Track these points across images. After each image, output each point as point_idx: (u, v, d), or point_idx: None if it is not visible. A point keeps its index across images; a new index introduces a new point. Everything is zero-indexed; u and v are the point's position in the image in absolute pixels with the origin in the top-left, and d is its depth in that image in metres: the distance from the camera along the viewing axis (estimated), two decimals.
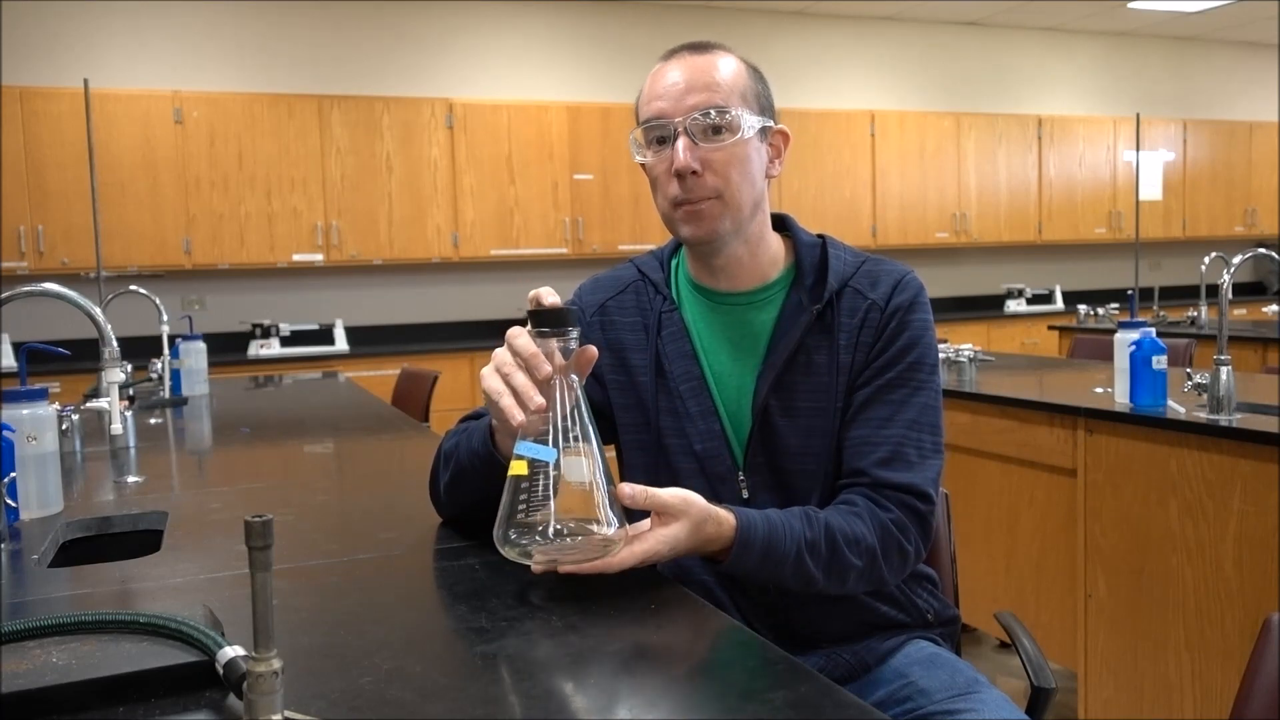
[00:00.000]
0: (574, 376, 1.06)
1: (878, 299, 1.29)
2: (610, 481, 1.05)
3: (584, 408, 1.06)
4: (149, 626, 0.89)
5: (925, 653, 1.28)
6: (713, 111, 1.23)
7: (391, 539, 1.35)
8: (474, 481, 1.24)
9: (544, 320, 1.05)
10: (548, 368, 1.04)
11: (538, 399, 1.03)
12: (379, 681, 0.83)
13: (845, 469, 1.26)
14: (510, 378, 1.06)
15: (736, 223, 1.28)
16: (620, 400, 1.36)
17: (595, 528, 1.02)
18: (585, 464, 1.03)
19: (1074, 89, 7.44)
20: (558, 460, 1.02)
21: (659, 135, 1.26)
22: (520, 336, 1.07)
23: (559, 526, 1.02)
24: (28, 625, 0.89)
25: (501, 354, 1.09)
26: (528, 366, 1.05)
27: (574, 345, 1.06)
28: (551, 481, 1.02)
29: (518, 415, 1.04)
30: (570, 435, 1.04)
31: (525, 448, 1.03)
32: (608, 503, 1.03)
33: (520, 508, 1.03)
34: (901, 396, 1.26)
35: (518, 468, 1.03)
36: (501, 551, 1.03)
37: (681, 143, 1.23)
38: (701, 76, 1.24)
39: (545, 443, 1.03)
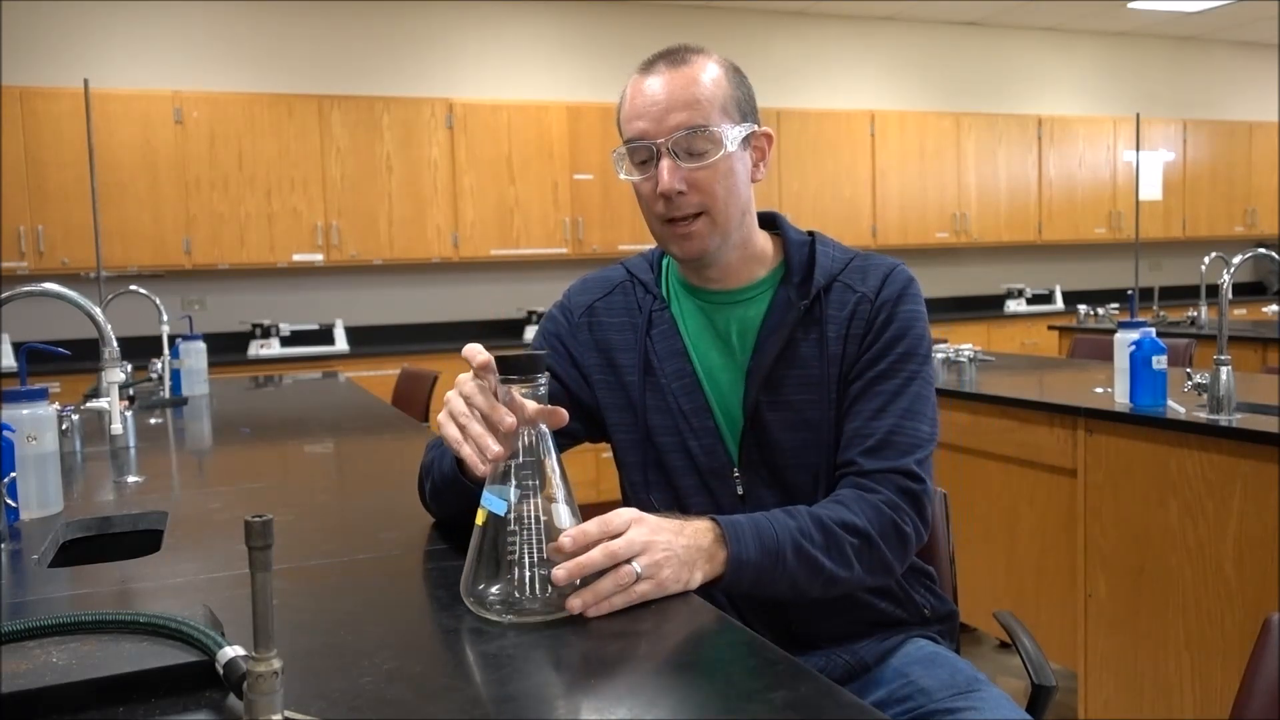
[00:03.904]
0: (543, 426, 1.02)
1: (868, 291, 1.29)
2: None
3: (554, 457, 1.02)
4: (149, 626, 0.89)
5: (925, 651, 1.28)
6: (695, 130, 1.22)
7: (391, 539, 1.35)
8: (449, 497, 1.27)
9: (513, 368, 1.02)
10: (510, 419, 1.01)
11: (495, 447, 1.01)
12: (379, 681, 0.83)
13: (837, 461, 1.26)
14: (466, 428, 1.05)
15: (725, 235, 1.29)
16: (610, 400, 1.37)
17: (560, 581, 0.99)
18: (558, 513, 1.01)
19: (1074, 89, 7.44)
20: (509, 513, 0.99)
21: (643, 157, 1.27)
22: (469, 387, 1.06)
23: (521, 580, 0.99)
24: (28, 625, 0.89)
25: (455, 401, 1.07)
26: (487, 420, 1.04)
27: (543, 391, 1.02)
28: (507, 535, 0.98)
29: (480, 467, 1.03)
30: (535, 484, 1.00)
31: (485, 499, 1.01)
32: (576, 554, 1.00)
33: (482, 561, 1.01)
34: (893, 387, 1.25)
35: (480, 517, 1.02)
36: (468, 605, 1.01)
37: (665, 164, 1.23)
38: (681, 94, 1.23)
39: (508, 492, 1.00)
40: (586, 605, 0.97)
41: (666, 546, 1.03)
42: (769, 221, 1.39)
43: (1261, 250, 2.68)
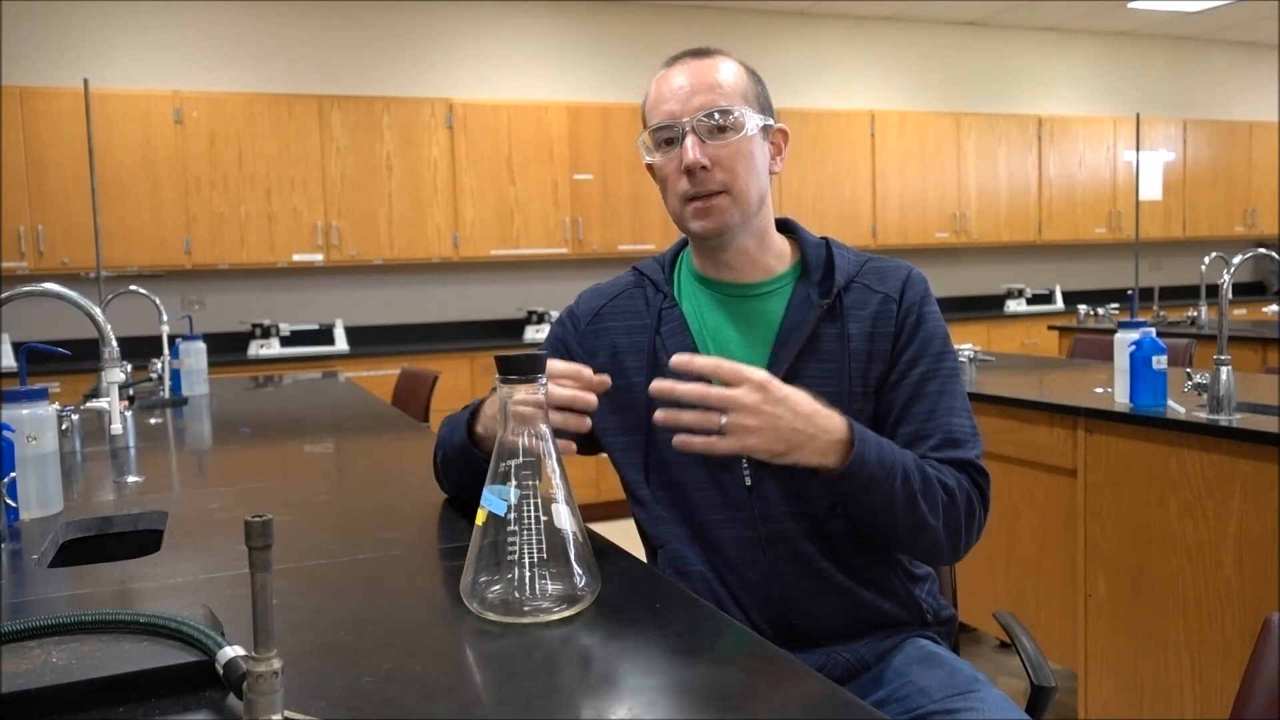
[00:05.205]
0: (543, 427, 1.03)
1: (890, 292, 1.34)
2: (584, 533, 1.03)
3: (554, 458, 1.02)
4: (149, 626, 0.89)
5: (924, 651, 1.28)
6: (717, 113, 1.29)
7: (391, 539, 1.35)
8: (460, 468, 1.38)
9: (513, 368, 1.02)
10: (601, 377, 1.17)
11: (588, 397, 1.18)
12: (379, 681, 0.84)
13: None
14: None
15: (745, 216, 1.34)
16: (607, 405, 1.37)
17: (562, 580, 0.99)
18: (559, 513, 1.01)
19: (1074, 89, 7.44)
20: (509, 513, 0.99)
21: (668, 137, 1.33)
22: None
23: (521, 580, 0.98)
24: (28, 625, 0.89)
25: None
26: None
27: (543, 391, 1.03)
28: (507, 535, 0.98)
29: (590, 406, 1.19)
30: (534, 484, 1.00)
31: (485, 499, 1.01)
32: (577, 554, 1.01)
33: (482, 561, 1.01)
34: (937, 387, 1.31)
35: (480, 517, 1.01)
36: (468, 605, 1.01)
37: (690, 141, 1.29)
38: (705, 79, 1.31)
39: (508, 492, 1.00)
40: (666, 421, 1.10)
41: (770, 417, 1.12)
42: (783, 226, 1.44)
43: (1261, 250, 2.67)
